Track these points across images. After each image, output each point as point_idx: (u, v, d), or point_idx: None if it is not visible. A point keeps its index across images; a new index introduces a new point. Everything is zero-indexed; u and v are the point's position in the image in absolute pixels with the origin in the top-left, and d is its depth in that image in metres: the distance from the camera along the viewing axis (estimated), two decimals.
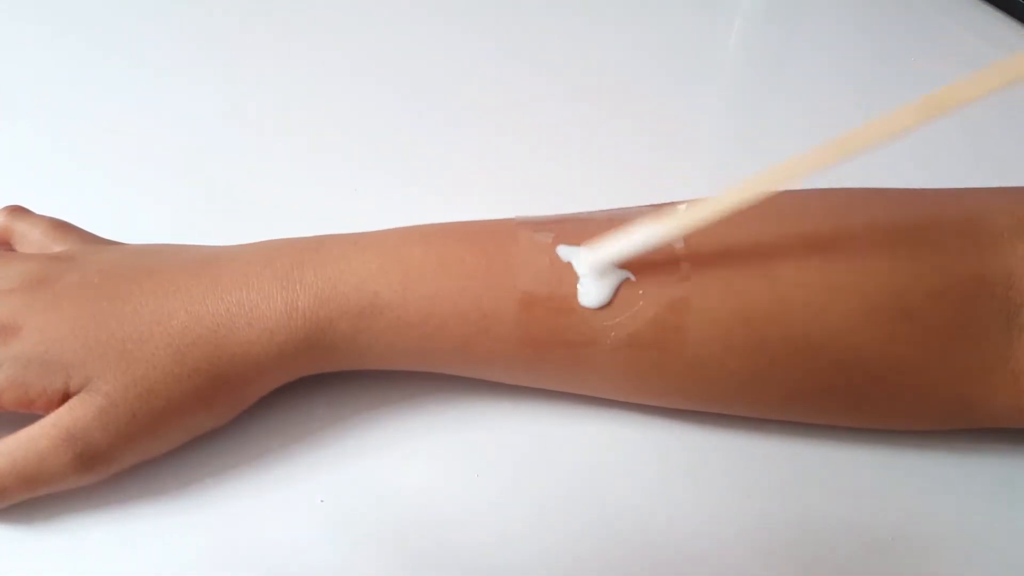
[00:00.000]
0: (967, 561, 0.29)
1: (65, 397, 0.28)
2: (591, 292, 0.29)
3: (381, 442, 0.32)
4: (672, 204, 0.31)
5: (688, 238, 0.29)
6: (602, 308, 0.29)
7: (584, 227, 0.30)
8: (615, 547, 0.29)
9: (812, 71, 0.49)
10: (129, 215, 0.38)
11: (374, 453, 0.31)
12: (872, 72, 0.49)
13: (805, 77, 0.49)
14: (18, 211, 0.34)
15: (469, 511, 0.30)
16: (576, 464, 0.31)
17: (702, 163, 0.44)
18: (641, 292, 0.29)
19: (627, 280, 0.29)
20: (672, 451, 0.32)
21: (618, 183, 0.41)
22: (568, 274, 0.29)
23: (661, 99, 0.46)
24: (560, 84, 0.47)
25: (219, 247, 0.32)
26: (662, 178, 0.42)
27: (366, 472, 0.31)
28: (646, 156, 0.43)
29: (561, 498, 0.31)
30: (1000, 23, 0.51)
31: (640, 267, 0.29)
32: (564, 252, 0.29)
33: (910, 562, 0.29)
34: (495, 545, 0.29)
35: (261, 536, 0.29)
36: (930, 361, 0.29)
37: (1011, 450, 0.32)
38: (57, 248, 0.33)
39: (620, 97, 0.46)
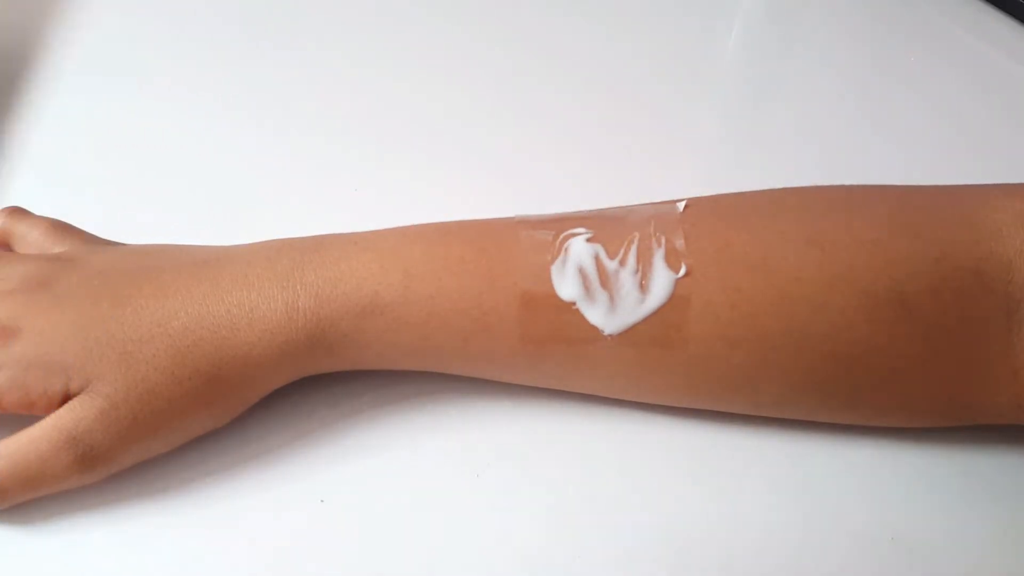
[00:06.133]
0: (967, 561, 0.29)
1: (66, 398, 0.28)
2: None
3: (381, 442, 0.32)
4: (672, 202, 0.31)
5: (688, 234, 0.29)
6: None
7: (584, 224, 0.30)
8: (615, 546, 0.29)
9: (812, 71, 0.49)
10: (129, 215, 0.38)
11: (374, 453, 0.31)
12: (872, 72, 0.49)
13: (805, 77, 0.49)
14: (17, 212, 0.34)
15: (469, 511, 0.30)
16: (576, 464, 0.31)
17: (702, 162, 0.44)
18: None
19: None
20: (673, 450, 0.32)
21: (618, 182, 0.41)
22: None
23: (661, 99, 0.46)
24: (560, 84, 0.47)
25: (219, 247, 0.32)
26: (662, 177, 0.42)
27: (366, 472, 0.31)
28: (646, 155, 0.43)
29: (561, 498, 0.30)
30: (1000, 23, 0.51)
31: (641, 263, 0.29)
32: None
33: (910, 562, 0.29)
34: (495, 545, 0.29)
35: (261, 536, 0.29)
36: (929, 355, 0.29)
37: (1012, 449, 0.32)
38: (57, 249, 0.33)
39: (620, 96, 0.46)
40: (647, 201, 0.32)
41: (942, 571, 0.29)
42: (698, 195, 0.31)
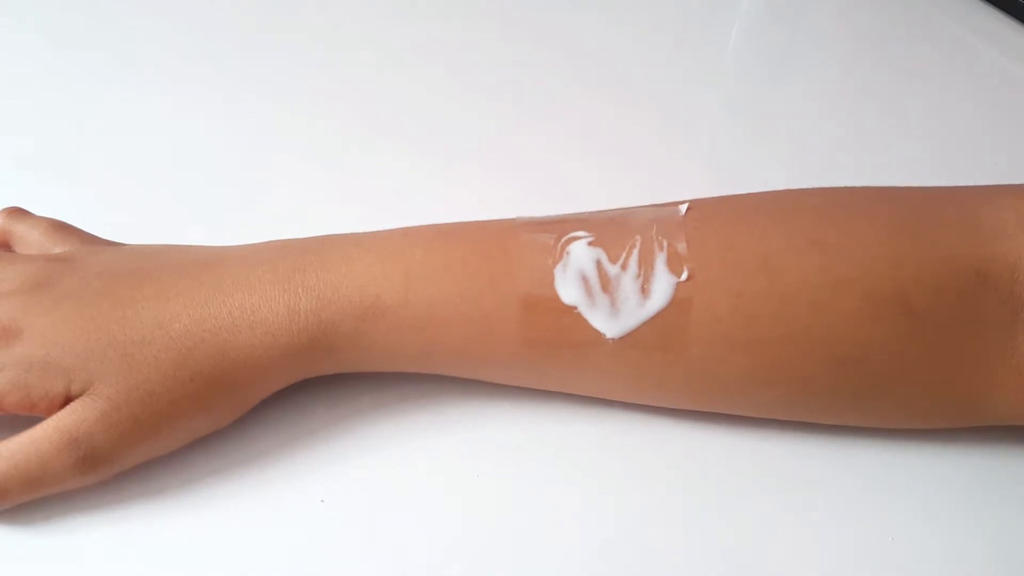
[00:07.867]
0: (967, 561, 0.29)
1: (67, 400, 0.28)
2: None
3: (381, 442, 0.32)
4: (674, 204, 0.31)
5: (690, 238, 0.29)
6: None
7: (585, 227, 0.30)
8: (616, 549, 0.29)
9: (813, 71, 0.49)
10: (129, 215, 0.38)
11: (374, 453, 0.31)
12: (872, 72, 0.49)
13: (806, 77, 0.49)
14: (17, 212, 0.34)
15: (469, 512, 0.30)
16: (577, 465, 0.31)
17: (703, 162, 0.44)
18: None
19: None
20: (673, 452, 0.32)
21: (619, 183, 0.41)
22: None
23: (662, 99, 0.46)
24: (561, 84, 0.47)
25: (220, 248, 0.32)
26: (663, 177, 0.42)
27: (366, 472, 0.31)
28: (647, 156, 0.43)
29: (561, 499, 0.30)
30: (1000, 23, 0.51)
31: (642, 267, 0.29)
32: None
33: (910, 562, 0.29)
34: (495, 546, 0.29)
35: (261, 536, 0.29)
36: (933, 357, 0.29)
37: (1013, 449, 0.32)
38: (57, 250, 0.32)
39: (621, 97, 0.46)
40: (649, 202, 0.32)
41: (942, 571, 0.29)
42: (700, 197, 0.31)
